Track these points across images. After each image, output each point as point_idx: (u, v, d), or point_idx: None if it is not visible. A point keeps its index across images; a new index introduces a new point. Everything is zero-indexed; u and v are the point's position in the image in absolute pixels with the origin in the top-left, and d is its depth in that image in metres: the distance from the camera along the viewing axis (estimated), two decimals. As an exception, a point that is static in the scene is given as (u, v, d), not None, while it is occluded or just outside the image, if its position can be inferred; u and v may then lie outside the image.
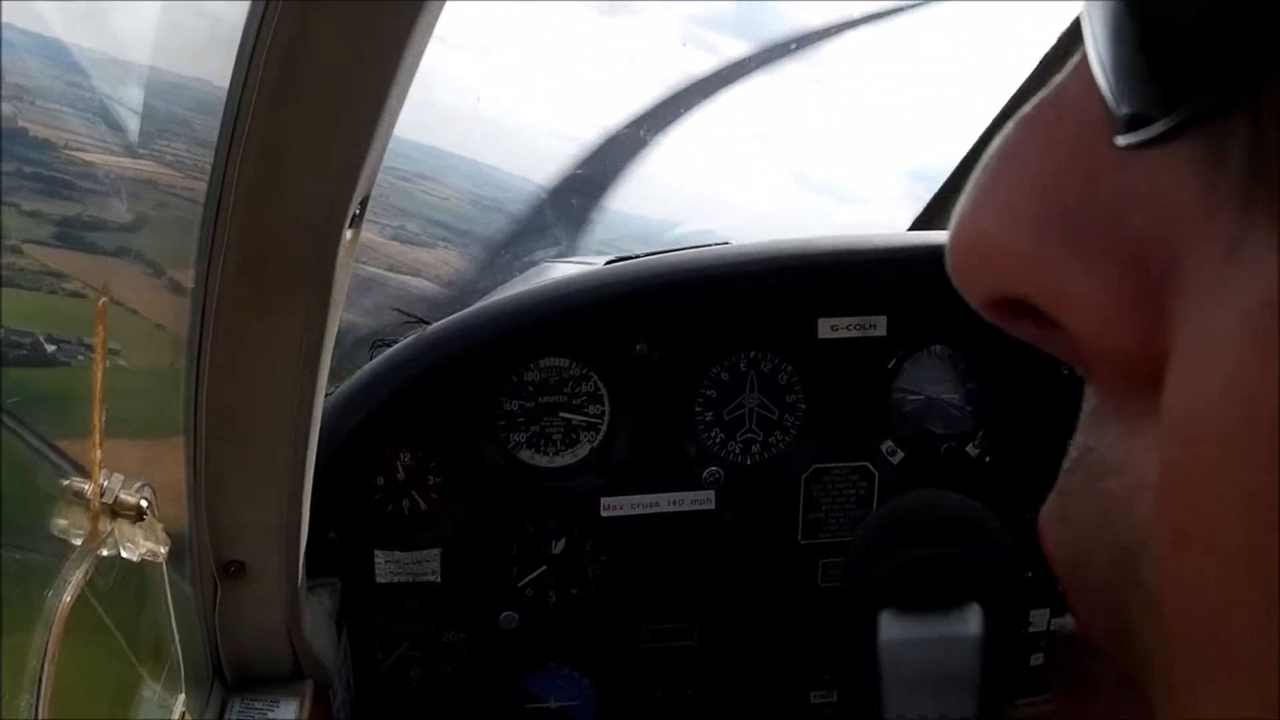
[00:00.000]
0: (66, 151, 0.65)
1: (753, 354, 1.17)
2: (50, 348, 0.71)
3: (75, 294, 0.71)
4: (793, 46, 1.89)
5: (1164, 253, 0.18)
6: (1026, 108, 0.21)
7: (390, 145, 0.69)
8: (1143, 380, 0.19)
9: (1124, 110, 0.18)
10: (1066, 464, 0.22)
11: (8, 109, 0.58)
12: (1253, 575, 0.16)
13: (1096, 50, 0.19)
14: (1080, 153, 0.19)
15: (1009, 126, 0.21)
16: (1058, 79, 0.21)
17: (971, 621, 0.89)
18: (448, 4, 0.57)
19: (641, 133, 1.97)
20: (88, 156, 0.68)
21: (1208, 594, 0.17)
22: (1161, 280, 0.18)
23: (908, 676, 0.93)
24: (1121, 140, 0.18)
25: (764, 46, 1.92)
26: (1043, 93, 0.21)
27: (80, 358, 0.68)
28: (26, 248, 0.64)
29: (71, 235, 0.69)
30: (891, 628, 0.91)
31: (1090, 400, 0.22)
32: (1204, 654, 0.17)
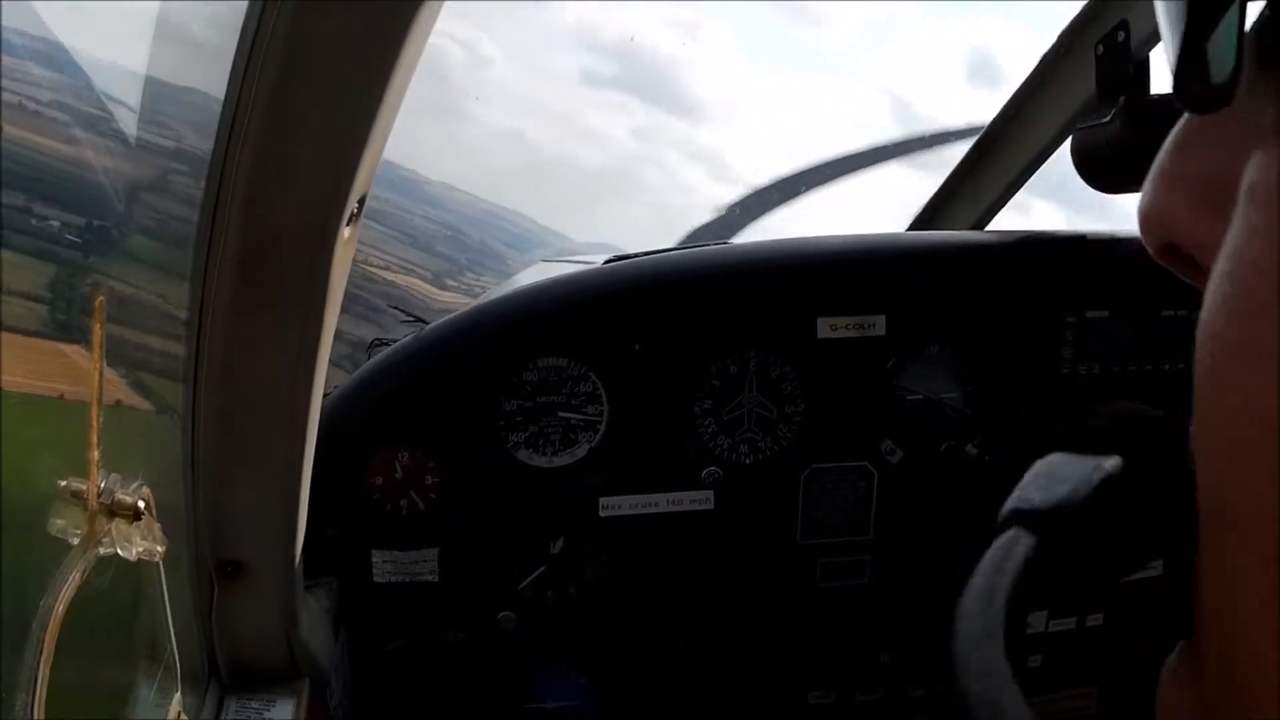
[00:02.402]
0: (66, 150, 0.65)
1: (752, 353, 1.17)
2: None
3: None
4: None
5: None
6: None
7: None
8: None
9: (1211, 85, 0.26)
10: None
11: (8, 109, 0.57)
12: (1212, 417, 0.25)
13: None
14: (1220, 141, 0.27)
15: (1178, 125, 0.29)
16: None
17: (1109, 463, 1.09)
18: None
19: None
20: (86, 155, 0.68)
21: (1201, 440, 0.26)
22: None
23: (1034, 474, 1.12)
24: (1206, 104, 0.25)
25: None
26: None
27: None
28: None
29: (69, 234, 0.69)
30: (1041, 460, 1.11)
31: None
32: (1207, 500, 0.26)
